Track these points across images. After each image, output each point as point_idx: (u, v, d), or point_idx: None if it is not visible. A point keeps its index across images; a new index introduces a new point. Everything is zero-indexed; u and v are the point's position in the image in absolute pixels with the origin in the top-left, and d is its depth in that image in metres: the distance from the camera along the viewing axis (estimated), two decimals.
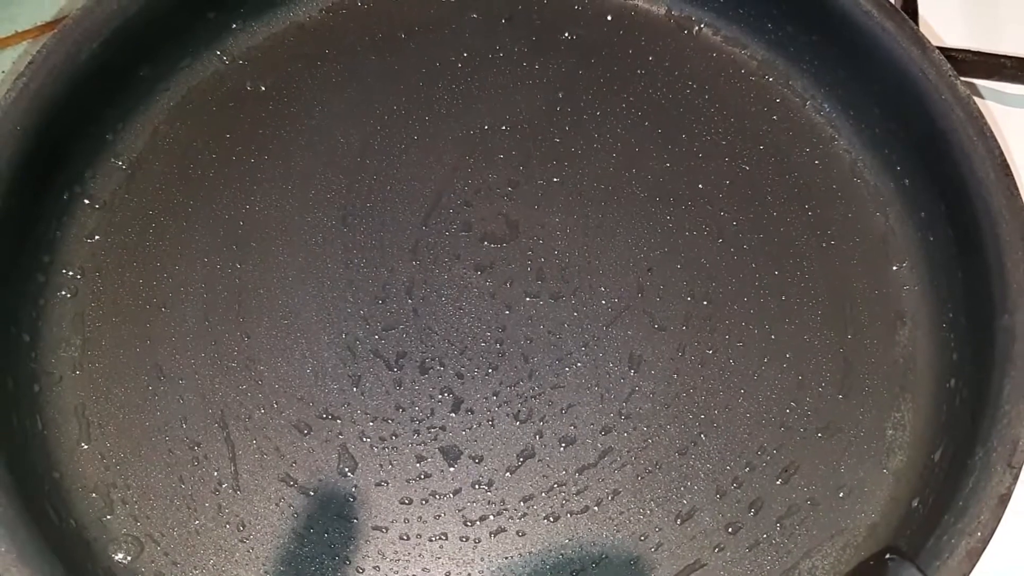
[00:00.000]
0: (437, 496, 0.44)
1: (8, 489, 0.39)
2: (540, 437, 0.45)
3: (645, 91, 0.53)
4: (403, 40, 0.55)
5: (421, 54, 0.54)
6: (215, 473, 0.44)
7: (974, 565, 0.38)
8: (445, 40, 0.55)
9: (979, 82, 0.56)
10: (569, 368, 0.47)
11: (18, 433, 0.43)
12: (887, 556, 0.37)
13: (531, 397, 0.46)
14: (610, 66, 0.54)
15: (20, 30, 0.60)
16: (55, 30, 0.48)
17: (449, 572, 0.43)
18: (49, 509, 0.42)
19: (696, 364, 0.47)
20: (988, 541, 0.38)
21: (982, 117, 0.47)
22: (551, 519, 0.44)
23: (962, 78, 0.48)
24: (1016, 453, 0.40)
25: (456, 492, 0.44)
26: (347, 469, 0.45)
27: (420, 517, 0.44)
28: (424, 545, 0.43)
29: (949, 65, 0.48)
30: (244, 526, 0.43)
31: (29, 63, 0.46)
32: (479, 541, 0.43)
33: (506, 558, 0.43)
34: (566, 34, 0.55)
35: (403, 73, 0.54)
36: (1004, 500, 0.39)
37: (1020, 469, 0.40)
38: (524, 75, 0.54)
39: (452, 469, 0.45)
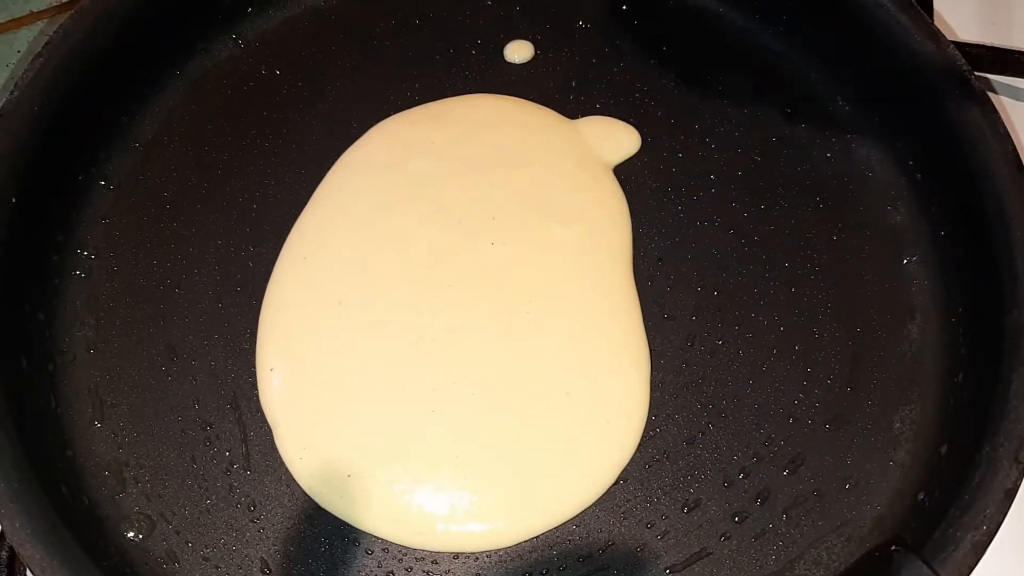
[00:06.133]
0: None
1: (23, 466, 0.40)
2: None
3: (658, 81, 0.53)
4: (418, 26, 0.55)
5: (436, 40, 0.54)
6: (227, 453, 0.45)
7: (979, 558, 0.38)
8: (460, 27, 0.55)
9: (992, 77, 0.56)
10: None
11: (32, 411, 0.43)
12: (893, 548, 0.38)
13: None
14: (623, 54, 0.54)
15: (35, 10, 0.60)
16: (72, 11, 0.48)
17: (457, 555, 0.43)
18: (62, 487, 0.42)
19: (705, 354, 0.47)
20: (994, 535, 0.38)
21: (996, 113, 0.47)
22: None
23: (975, 73, 0.48)
24: (1023, 448, 0.40)
25: None
26: None
27: None
28: None
29: (964, 60, 0.48)
30: (255, 506, 0.44)
31: (46, 43, 0.47)
32: None
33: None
34: (580, 22, 0.55)
35: (417, 59, 0.54)
36: (1010, 495, 0.39)
37: None
38: (537, 63, 0.54)
39: None
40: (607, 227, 0.48)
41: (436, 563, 0.43)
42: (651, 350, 0.47)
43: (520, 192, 0.49)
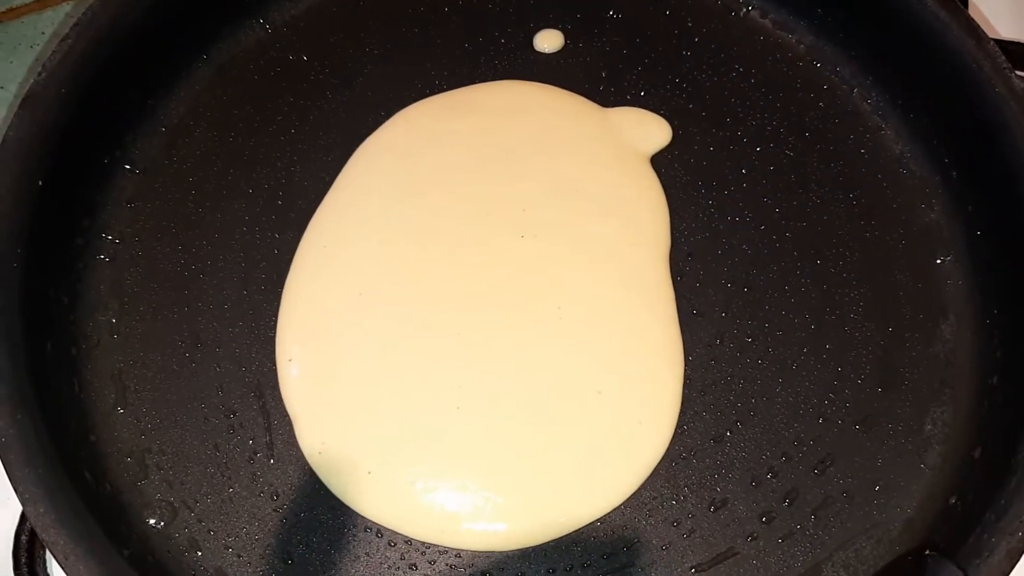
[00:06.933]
0: None
1: (47, 451, 0.40)
2: None
3: (690, 73, 0.53)
4: (447, 13, 0.54)
5: (464, 28, 0.54)
6: (250, 442, 0.44)
7: (1014, 565, 0.37)
8: (489, 15, 0.54)
9: None
10: None
11: (56, 396, 0.43)
12: (926, 552, 0.37)
13: None
14: (655, 46, 0.53)
15: None
16: None
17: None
18: (86, 472, 0.42)
19: (734, 352, 0.46)
20: None
21: None
22: None
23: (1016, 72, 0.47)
24: None
25: None
26: None
27: None
28: None
29: (1004, 57, 0.47)
30: (278, 495, 0.43)
31: (74, 25, 0.46)
32: None
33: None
34: (611, 12, 0.54)
35: (446, 47, 0.53)
36: None
37: None
38: (567, 53, 0.53)
39: None
40: (647, 221, 0.47)
41: (459, 556, 0.42)
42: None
43: (552, 182, 0.48)
